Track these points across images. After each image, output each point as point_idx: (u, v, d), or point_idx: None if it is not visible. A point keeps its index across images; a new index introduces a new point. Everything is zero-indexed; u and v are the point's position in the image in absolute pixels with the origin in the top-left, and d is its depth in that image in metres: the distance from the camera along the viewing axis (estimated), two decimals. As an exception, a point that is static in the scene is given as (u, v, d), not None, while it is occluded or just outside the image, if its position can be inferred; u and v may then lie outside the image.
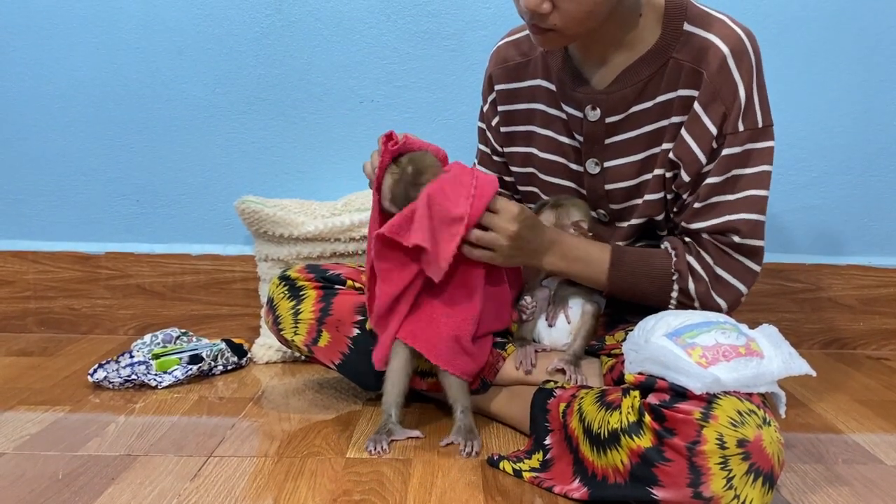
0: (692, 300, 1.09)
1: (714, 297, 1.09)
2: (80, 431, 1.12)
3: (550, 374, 1.12)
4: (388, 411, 1.10)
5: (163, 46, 1.57)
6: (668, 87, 1.08)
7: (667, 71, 1.08)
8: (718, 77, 1.04)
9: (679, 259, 1.09)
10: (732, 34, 1.05)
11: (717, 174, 1.06)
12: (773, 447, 0.81)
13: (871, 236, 1.64)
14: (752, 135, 1.06)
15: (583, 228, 1.16)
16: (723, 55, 1.04)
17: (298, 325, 1.18)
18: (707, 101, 1.05)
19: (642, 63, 1.09)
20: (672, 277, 1.09)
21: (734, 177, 1.06)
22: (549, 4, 0.97)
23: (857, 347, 1.66)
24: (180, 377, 1.35)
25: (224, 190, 1.61)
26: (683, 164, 1.08)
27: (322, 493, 0.94)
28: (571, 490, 0.93)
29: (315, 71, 1.58)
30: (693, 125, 1.06)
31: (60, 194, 1.63)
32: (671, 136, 1.09)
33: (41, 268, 1.63)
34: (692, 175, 1.08)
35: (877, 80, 1.58)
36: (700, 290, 1.08)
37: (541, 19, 1.00)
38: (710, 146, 1.06)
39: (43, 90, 1.59)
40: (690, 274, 1.09)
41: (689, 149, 1.07)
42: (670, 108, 1.09)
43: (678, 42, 1.07)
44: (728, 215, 1.07)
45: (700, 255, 1.09)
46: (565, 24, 1.00)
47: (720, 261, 1.09)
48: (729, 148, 1.05)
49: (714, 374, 0.84)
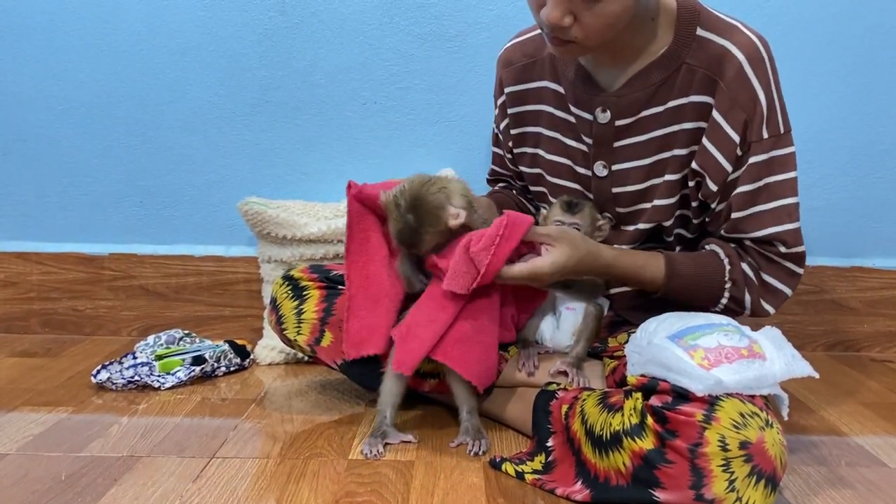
0: (743, 308, 1.11)
1: (763, 304, 1.11)
2: (83, 432, 1.13)
3: (553, 377, 1.12)
4: (384, 412, 1.09)
5: (166, 48, 1.57)
6: (680, 92, 1.08)
7: (679, 76, 1.08)
8: (736, 84, 1.04)
9: (734, 268, 1.09)
10: (748, 41, 1.05)
11: (748, 182, 1.07)
12: (775, 449, 0.81)
13: (875, 238, 1.64)
14: (776, 141, 1.07)
15: (605, 231, 1.18)
16: (739, 63, 1.04)
17: (301, 325, 1.18)
18: (726, 108, 1.05)
19: (654, 67, 1.09)
20: (725, 287, 1.09)
21: (766, 185, 1.07)
22: (571, 18, 0.97)
23: (862, 350, 1.65)
24: (183, 378, 1.35)
25: (227, 191, 1.61)
26: (708, 173, 1.08)
27: (324, 495, 0.93)
28: (574, 492, 0.93)
29: (318, 73, 1.58)
30: (714, 134, 1.06)
31: (64, 196, 1.63)
32: (683, 142, 1.09)
33: (45, 269, 1.64)
34: (719, 184, 1.08)
35: (881, 82, 1.57)
36: (753, 299, 1.10)
37: (562, 32, 0.99)
38: (735, 154, 1.06)
39: (47, 92, 1.59)
40: (745, 283, 1.09)
41: (713, 157, 1.07)
42: (682, 113, 1.09)
43: (690, 47, 1.07)
44: (772, 227, 1.07)
45: (750, 262, 1.10)
46: (586, 36, 1.00)
47: (767, 268, 1.10)
48: (756, 156, 1.06)
49: (716, 375, 0.83)
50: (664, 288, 1.11)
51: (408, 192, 1.04)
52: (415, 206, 1.03)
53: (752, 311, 1.11)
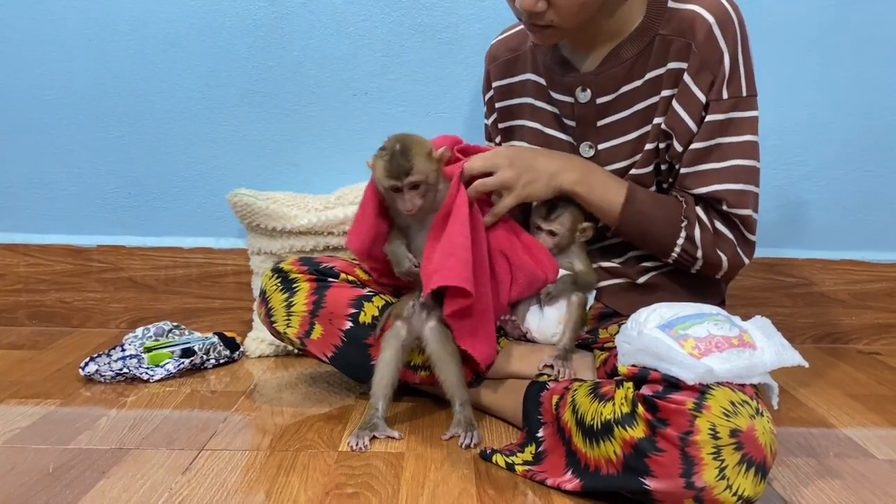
0: (696, 248, 1.11)
1: (716, 250, 1.11)
2: (71, 425, 1.12)
3: (541, 370, 1.13)
4: (376, 405, 1.09)
5: (155, 38, 1.56)
6: (656, 62, 1.11)
7: (654, 48, 1.10)
8: (705, 46, 1.06)
9: (688, 207, 1.11)
10: (716, 4, 1.08)
11: (701, 140, 1.09)
12: (765, 437, 0.81)
13: (863, 231, 1.64)
14: (736, 103, 1.08)
15: (588, 234, 1.19)
16: (708, 24, 1.06)
17: (291, 318, 1.17)
18: (696, 70, 1.07)
19: (628, 43, 1.12)
20: (681, 224, 1.11)
21: (718, 145, 1.09)
22: (544, 3, 1.01)
23: (850, 342, 1.66)
24: (172, 371, 1.34)
25: (216, 183, 1.60)
26: (676, 134, 1.10)
27: (314, 487, 0.93)
28: (564, 482, 0.93)
29: (308, 63, 1.57)
30: (683, 95, 1.09)
31: (52, 186, 1.62)
32: (661, 110, 1.11)
33: (32, 261, 1.62)
34: (684, 145, 1.10)
35: (873, 76, 1.58)
36: (705, 239, 1.11)
37: (537, 17, 1.03)
38: (700, 115, 1.08)
39: (35, 82, 1.58)
40: (698, 222, 1.11)
41: (681, 119, 1.09)
42: (660, 82, 1.11)
43: (662, 19, 1.10)
44: (715, 185, 1.09)
45: (705, 209, 1.12)
46: (562, 19, 1.03)
47: (719, 219, 1.11)
48: (713, 115, 1.08)
49: (707, 364, 0.84)
50: (621, 215, 1.11)
51: (391, 137, 1.08)
52: (400, 139, 1.07)
53: (704, 252, 1.11)
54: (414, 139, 1.08)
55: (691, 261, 1.13)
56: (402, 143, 1.06)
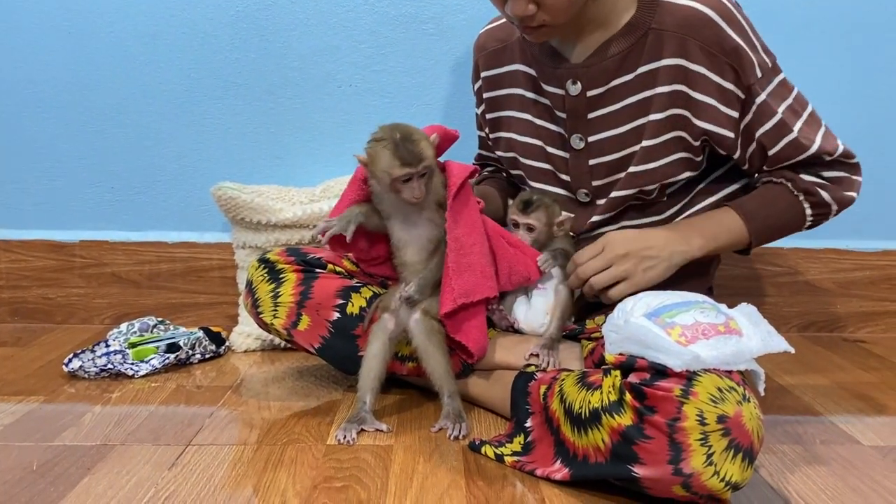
0: (828, 205, 1.16)
1: (843, 192, 1.16)
2: (55, 421, 1.11)
3: (528, 360, 1.13)
4: (363, 398, 1.09)
5: (136, 31, 1.54)
6: (650, 56, 1.10)
7: (647, 42, 1.10)
8: (715, 41, 1.07)
9: (795, 181, 1.15)
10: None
11: (767, 120, 1.11)
12: (752, 423, 0.81)
13: (847, 220, 1.62)
14: (769, 71, 1.11)
15: (566, 228, 1.19)
16: (710, 19, 1.07)
17: (278, 309, 1.17)
18: (709, 62, 1.08)
19: (620, 36, 1.12)
20: (800, 199, 1.15)
21: (783, 114, 1.11)
22: (534, 6, 1.03)
23: (835, 330, 1.67)
24: (157, 366, 1.33)
25: (200, 176, 1.59)
26: (720, 124, 1.10)
27: (302, 480, 0.93)
28: (553, 472, 0.93)
29: (292, 55, 1.56)
30: (705, 87, 1.09)
31: (32, 181, 1.60)
32: (659, 106, 1.11)
33: (14, 256, 1.60)
34: (734, 131, 1.11)
35: (862, 66, 1.59)
36: (834, 194, 1.15)
37: (529, 20, 1.05)
38: (737, 98, 1.09)
39: (14, 75, 1.55)
40: (817, 186, 1.15)
41: (715, 108, 1.10)
42: (654, 77, 1.11)
43: (654, 13, 1.09)
44: (809, 149, 1.12)
45: (810, 170, 1.15)
46: (553, 17, 1.05)
47: (826, 169, 1.15)
48: (760, 95, 1.10)
49: (694, 351, 0.84)
50: (751, 235, 1.15)
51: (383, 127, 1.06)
52: (397, 128, 1.04)
53: (837, 202, 1.16)
54: (410, 127, 1.06)
55: (827, 213, 1.18)
56: (403, 132, 1.04)
